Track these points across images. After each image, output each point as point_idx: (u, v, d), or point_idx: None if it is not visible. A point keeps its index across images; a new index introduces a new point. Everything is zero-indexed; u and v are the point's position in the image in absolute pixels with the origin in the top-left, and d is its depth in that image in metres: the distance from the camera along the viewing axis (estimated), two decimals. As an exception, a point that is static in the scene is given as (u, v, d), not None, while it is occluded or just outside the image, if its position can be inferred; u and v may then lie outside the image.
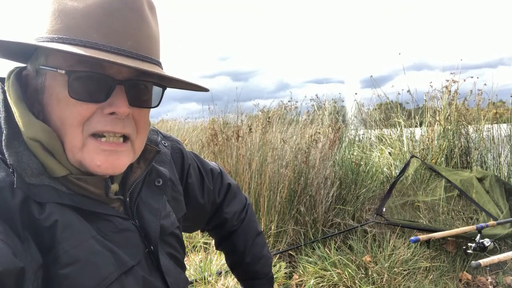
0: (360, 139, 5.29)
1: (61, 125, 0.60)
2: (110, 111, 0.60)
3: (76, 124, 0.59)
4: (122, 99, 0.60)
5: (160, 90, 0.68)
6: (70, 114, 0.59)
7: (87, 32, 0.57)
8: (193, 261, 2.54)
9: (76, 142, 0.59)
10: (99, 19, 0.57)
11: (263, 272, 1.06)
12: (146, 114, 0.68)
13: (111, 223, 0.64)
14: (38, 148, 0.59)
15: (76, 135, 0.59)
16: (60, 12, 0.58)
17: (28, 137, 0.59)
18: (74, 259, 0.56)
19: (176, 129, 6.33)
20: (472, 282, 2.57)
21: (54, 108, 0.60)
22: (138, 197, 0.73)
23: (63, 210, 0.58)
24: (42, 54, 0.61)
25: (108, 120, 0.60)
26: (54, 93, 0.60)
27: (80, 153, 0.60)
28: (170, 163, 0.85)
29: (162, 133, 0.88)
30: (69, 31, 0.57)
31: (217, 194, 1.02)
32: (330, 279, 2.48)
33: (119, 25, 0.58)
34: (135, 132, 0.65)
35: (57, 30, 0.58)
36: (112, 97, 0.60)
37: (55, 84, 0.60)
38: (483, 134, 4.10)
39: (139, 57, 0.60)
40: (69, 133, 0.59)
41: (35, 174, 0.57)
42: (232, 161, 3.20)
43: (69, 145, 0.60)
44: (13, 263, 0.48)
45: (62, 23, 0.58)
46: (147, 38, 0.62)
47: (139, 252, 0.68)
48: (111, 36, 0.58)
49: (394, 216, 3.11)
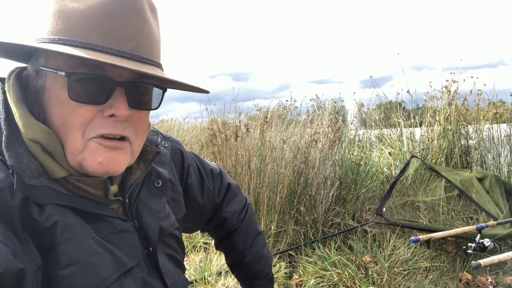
0: (360, 139, 5.29)
1: (61, 126, 0.59)
2: (110, 113, 0.60)
3: (77, 126, 0.59)
4: (122, 101, 0.60)
5: (160, 92, 0.67)
6: (71, 116, 0.59)
7: (87, 33, 0.57)
8: (193, 261, 2.54)
9: (77, 144, 0.59)
10: (100, 20, 0.57)
11: (263, 272, 1.05)
12: (146, 116, 0.68)
13: (110, 224, 0.64)
14: (37, 150, 0.59)
15: (77, 138, 0.59)
16: (61, 13, 0.58)
17: (28, 138, 0.59)
18: (74, 260, 0.56)
19: (176, 129, 6.33)
20: (472, 282, 2.57)
21: (54, 109, 0.60)
22: (137, 198, 0.73)
23: (63, 212, 0.58)
24: (42, 55, 0.61)
25: (108, 123, 0.60)
26: (54, 94, 0.60)
27: (81, 154, 0.60)
28: (170, 164, 0.85)
29: (162, 133, 0.88)
30: (69, 33, 0.57)
31: (216, 194, 1.02)
32: (330, 279, 2.48)
33: (119, 27, 0.58)
34: (134, 134, 0.64)
35: (57, 31, 0.58)
36: (112, 99, 0.60)
37: (55, 86, 0.59)
38: (483, 134, 4.11)
39: (139, 59, 0.60)
40: (70, 135, 0.59)
41: (35, 176, 0.57)
42: (231, 161, 3.20)
43: (70, 147, 0.60)
44: (12, 264, 0.48)
45: (63, 24, 0.58)
46: (147, 39, 0.62)
47: (138, 253, 0.67)
48: (111, 37, 0.57)
49: (394, 216, 3.11)
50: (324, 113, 4.51)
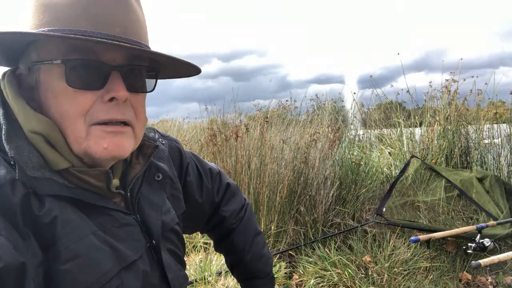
0: (360, 139, 5.29)
1: (61, 118, 0.60)
2: (109, 97, 0.60)
3: (77, 115, 0.59)
4: (119, 84, 0.61)
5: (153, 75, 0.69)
6: (70, 105, 0.59)
7: (75, 21, 0.57)
8: (193, 261, 2.54)
9: (80, 132, 0.60)
10: (87, 8, 0.58)
11: (264, 272, 1.05)
12: (143, 99, 0.69)
13: (112, 217, 0.64)
14: (39, 141, 0.59)
15: (79, 126, 0.60)
16: (46, 6, 0.59)
17: (30, 130, 0.59)
18: (75, 255, 0.56)
19: (175, 129, 6.33)
20: (472, 282, 2.57)
21: (51, 102, 0.60)
22: (139, 192, 0.73)
23: (63, 206, 0.58)
24: (33, 49, 0.61)
25: (109, 108, 0.61)
26: (50, 87, 0.60)
27: (85, 142, 0.60)
28: (168, 161, 0.86)
29: (159, 132, 0.89)
30: (57, 22, 0.58)
31: (215, 193, 1.01)
32: (330, 279, 2.48)
33: (106, 13, 0.59)
34: (134, 118, 0.66)
35: (45, 23, 0.58)
36: (109, 84, 0.60)
37: (51, 77, 0.60)
38: (483, 134, 4.10)
39: (129, 42, 0.61)
40: (71, 124, 0.60)
41: (36, 168, 0.57)
42: (231, 161, 3.20)
43: (73, 136, 0.60)
44: (14, 258, 0.49)
45: (50, 16, 0.58)
46: (134, 23, 0.63)
47: (142, 246, 0.68)
48: (99, 24, 0.58)
49: (394, 216, 3.11)
50: (324, 113, 4.52)
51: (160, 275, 0.71)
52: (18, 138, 0.59)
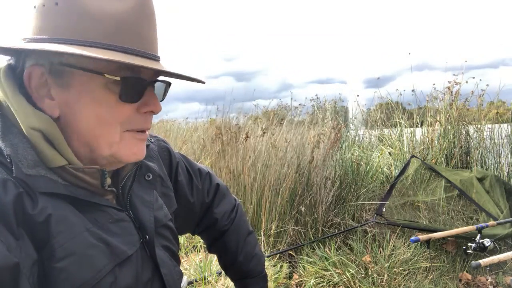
0: (360, 139, 5.29)
1: (96, 123, 0.62)
2: (147, 110, 0.67)
3: (117, 122, 0.64)
4: (155, 98, 0.68)
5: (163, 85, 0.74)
6: (111, 114, 0.63)
7: (122, 38, 0.61)
8: (193, 261, 2.54)
9: (115, 137, 0.64)
10: (131, 25, 0.62)
11: (256, 270, 1.06)
12: None
13: (107, 213, 0.65)
14: (38, 138, 0.59)
15: (115, 132, 0.64)
16: (82, 13, 0.59)
17: (29, 127, 0.59)
18: (69, 252, 0.56)
19: (175, 129, 6.33)
20: (472, 282, 2.58)
21: (86, 107, 0.62)
22: (130, 190, 0.74)
23: (56, 204, 0.58)
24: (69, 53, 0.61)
25: (146, 119, 0.68)
26: (90, 93, 0.61)
27: (116, 145, 0.65)
28: (158, 160, 0.87)
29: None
30: (105, 37, 0.60)
31: (206, 194, 1.02)
32: (330, 279, 2.48)
33: (143, 30, 0.64)
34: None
35: (79, 31, 0.59)
36: (145, 97, 0.66)
37: (93, 85, 0.61)
38: (483, 134, 4.10)
39: (155, 58, 0.66)
40: (108, 129, 0.63)
41: (31, 166, 0.58)
42: (237, 161, 3.20)
43: (107, 140, 0.64)
44: (8, 259, 0.49)
45: (85, 24, 0.59)
46: (156, 39, 0.68)
47: (136, 240, 0.69)
48: (141, 41, 0.63)
49: (394, 216, 3.11)
50: (325, 114, 4.52)
51: (153, 271, 0.71)
52: (12, 136, 0.59)
